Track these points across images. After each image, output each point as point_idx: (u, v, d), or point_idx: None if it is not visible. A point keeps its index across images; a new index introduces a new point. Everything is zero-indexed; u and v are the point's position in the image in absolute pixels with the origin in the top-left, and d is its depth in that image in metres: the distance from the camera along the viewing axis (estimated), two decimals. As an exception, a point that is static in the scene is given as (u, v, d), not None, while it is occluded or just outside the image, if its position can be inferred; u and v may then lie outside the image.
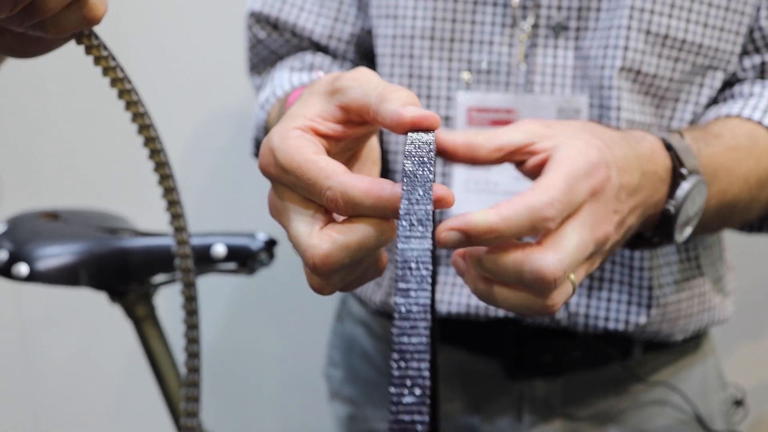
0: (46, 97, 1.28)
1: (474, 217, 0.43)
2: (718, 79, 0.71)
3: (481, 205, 0.66)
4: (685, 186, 0.55)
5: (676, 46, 0.68)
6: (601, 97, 0.68)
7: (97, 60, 0.45)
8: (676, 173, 0.55)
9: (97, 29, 0.45)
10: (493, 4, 0.70)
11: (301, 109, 0.45)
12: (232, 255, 0.82)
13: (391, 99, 0.42)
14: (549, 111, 0.69)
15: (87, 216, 0.91)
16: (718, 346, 0.87)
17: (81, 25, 0.42)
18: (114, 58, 0.45)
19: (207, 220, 1.10)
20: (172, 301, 1.14)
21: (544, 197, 0.44)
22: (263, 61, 0.84)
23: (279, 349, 1.39)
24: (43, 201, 1.05)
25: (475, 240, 0.43)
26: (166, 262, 0.81)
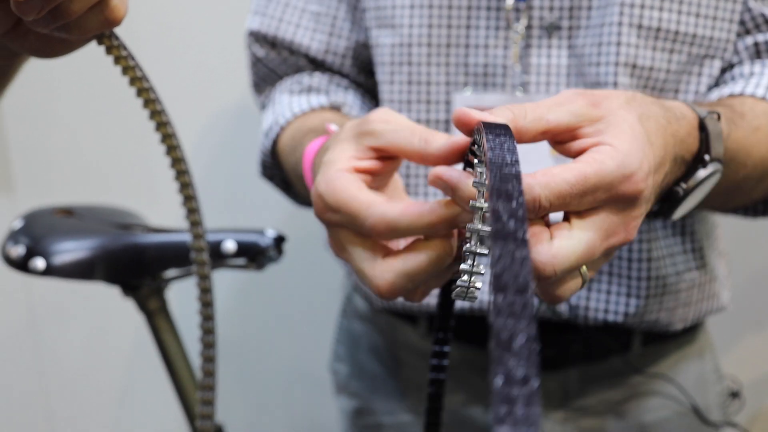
0: (59, 97, 1.29)
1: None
2: (716, 67, 0.70)
3: None
4: (702, 173, 0.53)
5: (670, 38, 0.68)
6: None
7: (117, 60, 0.46)
8: (699, 157, 0.53)
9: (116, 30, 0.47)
10: (486, 9, 0.70)
11: (335, 155, 0.49)
12: (242, 251, 0.84)
13: (435, 139, 0.46)
14: None
15: (100, 212, 0.92)
16: (717, 340, 0.88)
17: (103, 26, 0.43)
18: (133, 58, 0.47)
19: (216, 217, 1.12)
20: (182, 297, 1.16)
21: (536, 191, 0.41)
22: (263, 80, 0.85)
23: (286, 344, 1.40)
24: (56, 198, 1.06)
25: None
26: (178, 257, 0.82)
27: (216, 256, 0.82)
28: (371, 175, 0.49)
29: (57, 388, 1.42)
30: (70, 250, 0.80)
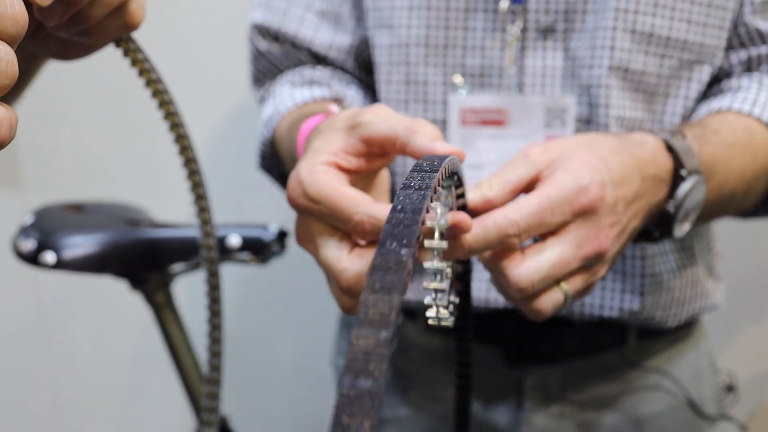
0: (68, 96, 1.30)
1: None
2: (706, 72, 0.72)
3: None
4: (685, 186, 0.57)
5: (662, 44, 0.69)
6: (590, 95, 0.70)
7: (134, 62, 0.48)
8: (677, 174, 0.58)
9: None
10: (483, 11, 0.71)
11: (324, 145, 0.50)
12: (247, 245, 0.85)
13: (420, 132, 0.47)
14: (537, 111, 0.71)
15: (109, 208, 0.94)
16: (715, 337, 0.89)
17: (121, 31, 0.45)
18: (149, 61, 0.49)
19: (220, 212, 1.12)
20: (189, 291, 1.17)
21: (511, 216, 0.48)
22: (264, 75, 0.85)
23: (289, 338, 1.41)
24: (65, 195, 1.08)
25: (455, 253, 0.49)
26: (185, 252, 0.84)
27: (221, 251, 0.84)
28: (355, 175, 0.50)
29: (65, 381, 1.44)
30: (80, 245, 0.81)
